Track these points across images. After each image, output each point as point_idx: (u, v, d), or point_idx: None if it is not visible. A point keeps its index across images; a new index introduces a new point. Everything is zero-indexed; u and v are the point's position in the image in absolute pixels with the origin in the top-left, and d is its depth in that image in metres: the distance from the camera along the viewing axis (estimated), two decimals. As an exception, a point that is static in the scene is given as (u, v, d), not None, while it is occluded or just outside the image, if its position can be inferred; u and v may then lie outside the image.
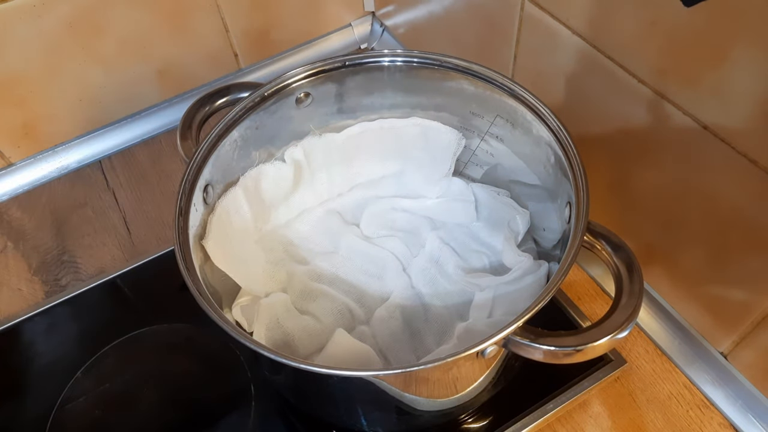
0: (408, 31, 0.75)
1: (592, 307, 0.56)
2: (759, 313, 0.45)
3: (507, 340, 0.37)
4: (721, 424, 0.49)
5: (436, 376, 0.41)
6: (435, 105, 0.54)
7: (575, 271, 0.59)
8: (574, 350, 0.37)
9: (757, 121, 0.38)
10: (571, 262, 0.39)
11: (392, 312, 0.52)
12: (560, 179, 0.45)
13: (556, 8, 0.48)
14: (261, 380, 0.52)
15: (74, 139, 0.72)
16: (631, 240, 0.43)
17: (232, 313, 0.49)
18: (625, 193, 0.52)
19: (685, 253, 0.49)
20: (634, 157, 0.49)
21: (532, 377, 0.49)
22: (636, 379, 0.52)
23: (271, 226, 0.55)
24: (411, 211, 0.58)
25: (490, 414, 0.50)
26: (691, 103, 0.41)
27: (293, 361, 0.36)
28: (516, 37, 0.55)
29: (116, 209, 0.68)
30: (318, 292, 0.53)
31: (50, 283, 0.62)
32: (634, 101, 0.45)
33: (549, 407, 0.49)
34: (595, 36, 0.46)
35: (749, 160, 0.39)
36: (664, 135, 0.45)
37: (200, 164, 0.46)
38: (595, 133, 0.51)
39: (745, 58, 0.36)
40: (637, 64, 0.44)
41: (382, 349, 0.50)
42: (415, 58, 0.50)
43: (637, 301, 0.38)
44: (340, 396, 0.46)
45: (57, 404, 0.52)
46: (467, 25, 0.62)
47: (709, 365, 0.51)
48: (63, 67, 0.65)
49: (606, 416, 0.50)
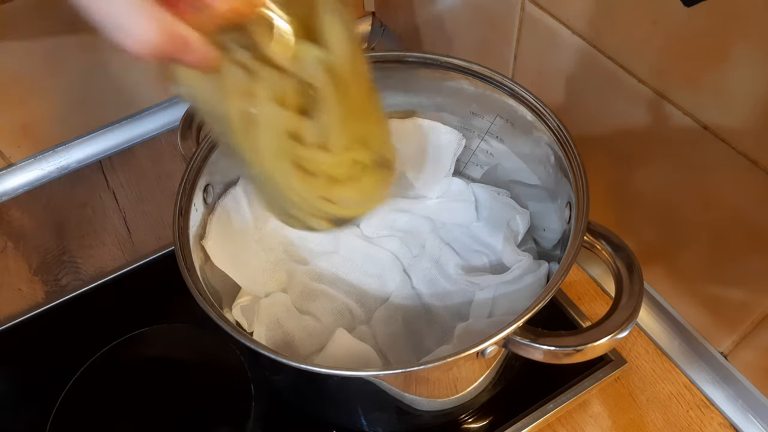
0: (408, 31, 0.75)
1: (593, 307, 0.56)
2: (759, 313, 0.45)
3: (507, 340, 0.37)
4: (722, 424, 0.49)
5: (436, 376, 0.41)
6: (435, 105, 0.54)
7: (575, 271, 0.59)
8: (574, 350, 0.37)
9: (757, 121, 0.38)
10: (571, 262, 0.39)
11: (392, 312, 0.52)
12: (560, 179, 0.45)
13: (557, 8, 0.48)
14: (261, 380, 0.52)
15: (74, 139, 0.72)
16: (631, 240, 0.42)
17: (232, 313, 0.49)
18: (625, 193, 0.52)
19: (685, 252, 0.49)
20: (635, 157, 0.49)
21: (532, 377, 0.49)
22: (636, 379, 0.52)
23: (271, 226, 0.55)
24: (411, 211, 0.58)
25: (490, 414, 0.50)
26: (691, 103, 0.41)
27: (293, 361, 0.36)
28: (516, 37, 0.55)
29: (116, 209, 0.68)
30: (318, 292, 0.53)
31: (50, 283, 0.62)
32: (635, 101, 0.45)
33: (549, 407, 0.49)
34: (596, 36, 0.46)
35: (749, 160, 0.39)
36: (665, 135, 0.45)
37: (200, 164, 0.46)
38: (595, 133, 0.51)
39: (746, 58, 0.36)
40: (637, 64, 0.44)
41: (383, 349, 0.50)
42: (415, 58, 0.50)
43: (637, 301, 0.38)
44: (340, 396, 0.46)
45: (57, 404, 0.52)
46: (467, 25, 0.62)
47: (709, 365, 0.51)
48: (63, 67, 0.65)
49: (606, 416, 0.50)
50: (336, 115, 0.33)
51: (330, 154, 0.34)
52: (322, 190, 0.35)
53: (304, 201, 0.35)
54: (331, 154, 0.34)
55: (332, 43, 0.31)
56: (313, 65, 0.30)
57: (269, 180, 0.34)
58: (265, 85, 0.30)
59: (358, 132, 0.35)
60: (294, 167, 0.33)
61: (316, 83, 0.31)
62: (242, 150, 0.33)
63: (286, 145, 0.32)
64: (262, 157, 0.33)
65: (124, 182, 0.70)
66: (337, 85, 0.32)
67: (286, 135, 0.32)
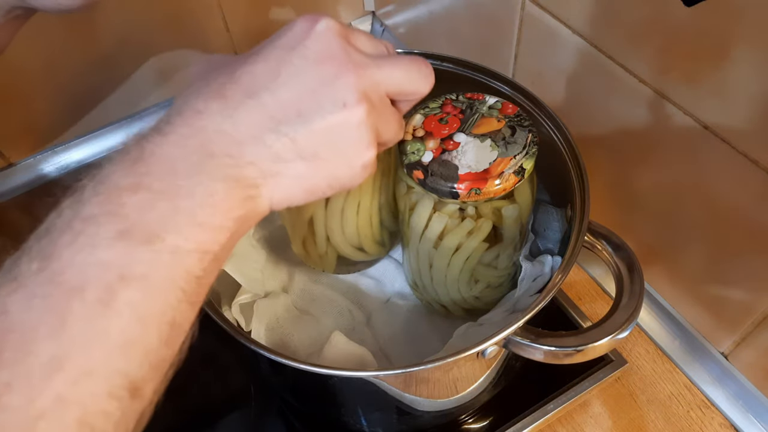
0: (408, 31, 0.75)
1: (593, 307, 0.56)
2: (760, 313, 0.44)
3: (507, 341, 0.37)
4: (722, 424, 0.49)
5: (436, 377, 0.41)
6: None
7: (576, 272, 0.59)
8: (575, 350, 0.37)
9: (757, 121, 0.38)
10: (572, 263, 0.38)
11: (392, 313, 0.52)
12: (560, 179, 0.45)
13: (557, 8, 0.48)
14: (261, 380, 0.52)
15: (74, 139, 0.72)
16: (632, 240, 0.42)
17: (231, 311, 0.49)
18: (625, 193, 0.52)
19: (685, 252, 0.49)
20: (635, 157, 0.49)
21: (533, 377, 0.49)
22: (636, 379, 0.52)
23: (272, 226, 0.55)
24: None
25: (490, 414, 0.49)
26: (692, 103, 0.41)
27: (293, 362, 0.36)
28: (516, 37, 0.55)
29: (116, 209, 0.68)
30: (318, 292, 0.53)
31: (50, 283, 0.62)
32: (635, 101, 0.45)
33: (549, 407, 0.49)
34: (596, 35, 0.46)
35: (750, 160, 0.39)
36: (665, 135, 0.45)
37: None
38: (595, 133, 0.51)
39: (746, 58, 0.36)
40: (637, 64, 0.44)
41: (383, 349, 0.50)
42: (415, 58, 0.50)
43: (637, 302, 0.38)
44: (340, 396, 0.46)
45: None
46: (467, 25, 0.62)
47: (709, 365, 0.51)
48: (63, 67, 0.65)
49: (606, 416, 0.50)
50: (511, 246, 0.44)
51: (497, 270, 0.46)
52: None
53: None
54: (497, 270, 0.46)
55: (521, 203, 0.41)
56: (510, 218, 0.41)
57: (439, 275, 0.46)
58: (474, 226, 0.41)
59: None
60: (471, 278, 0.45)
61: (504, 230, 0.42)
62: (430, 258, 0.45)
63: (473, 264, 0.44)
64: (453, 271, 0.44)
65: (123, 182, 0.70)
66: (518, 227, 0.43)
67: (477, 260, 0.44)
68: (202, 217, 0.26)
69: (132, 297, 0.24)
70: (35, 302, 0.23)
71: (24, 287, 0.23)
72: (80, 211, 0.25)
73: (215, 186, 0.26)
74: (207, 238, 0.26)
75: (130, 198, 0.25)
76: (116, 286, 0.23)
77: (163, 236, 0.24)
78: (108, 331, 0.23)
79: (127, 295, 0.23)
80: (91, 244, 0.24)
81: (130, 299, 0.24)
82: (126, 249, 0.24)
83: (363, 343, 0.48)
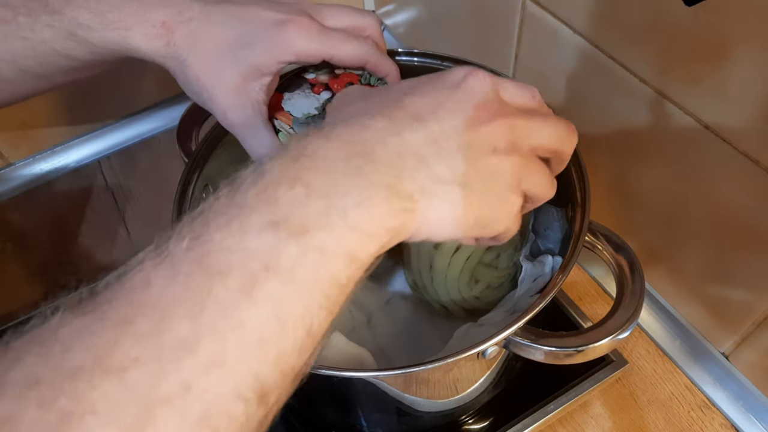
0: (408, 31, 0.75)
1: (593, 307, 0.56)
2: (761, 313, 0.44)
3: (508, 341, 0.37)
4: (723, 424, 0.49)
5: (436, 377, 0.41)
6: (435, 105, 0.53)
7: (576, 272, 0.59)
8: (575, 351, 0.36)
9: (758, 121, 0.38)
10: (573, 263, 0.38)
11: (392, 313, 0.52)
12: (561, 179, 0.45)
13: (558, 7, 0.48)
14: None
15: (73, 139, 0.72)
16: (632, 240, 0.42)
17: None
18: (626, 192, 0.52)
19: (686, 253, 0.49)
20: (635, 157, 0.49)
21: (533, 378, 0.49)
22: (637, 379, 0.52)
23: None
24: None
25: (490, 415, 0.49)
26: (693, 103, 0.41)
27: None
28: (517, 37, 0.55)
29: (116, 209, 0.68)
30: (318, 292, 0.52)
31: (49, 284, 0.62)
32: (635, 101, 0.45)
33: (550, 408, 0.49)
34: (597, 35, 0.46)
35: (751, 160, 0.39)
36: (666, 134, 0.45)
37: (200, 164, 0.46)
38: (595, 133, 0.51)
39: (747, 58, 0.36)
40: (638, 64, 0.44)
41: (383, 349, 0.50)
42: (416, 58, 0.50)
43: (638, 302, 0.38)
44: (340, 397, 0.46)
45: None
46: (468, 25, 0.62)
47: (710, 366, 0.51)
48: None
49: (607, 417, 0.50)
50: (511, 246, 0.49)
51: (497, 270, 0.49)
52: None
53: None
54: (498, 270, 0.49)
55: None
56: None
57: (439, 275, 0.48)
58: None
59: None
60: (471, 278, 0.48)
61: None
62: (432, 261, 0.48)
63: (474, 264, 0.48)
64: (453, 271, 0.47)
65: (123, 182, 0.70)
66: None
67: (477, 260, 0.48)
68: (355, 220, 0.25)
69: (274, 291, 0.23)
70: (179, 279, 0.22)
71: (170, 263, 0.23)
72: (236, 198, 0.25)
73: (374, 190, 0.26)
74: (356, 244, 0.25)
75: (287, 192, 0.24)
76: (260, 276, 0.23)
77: (312, 232, 0.24)
78: (244, 323, 0.22)
79: (270, 288, 0.23)
80: (241, 230, 0.23)
81: (271, 293, 0.23)
82: (274, 240, 0.23)
83: (363, 344, 0.47)
